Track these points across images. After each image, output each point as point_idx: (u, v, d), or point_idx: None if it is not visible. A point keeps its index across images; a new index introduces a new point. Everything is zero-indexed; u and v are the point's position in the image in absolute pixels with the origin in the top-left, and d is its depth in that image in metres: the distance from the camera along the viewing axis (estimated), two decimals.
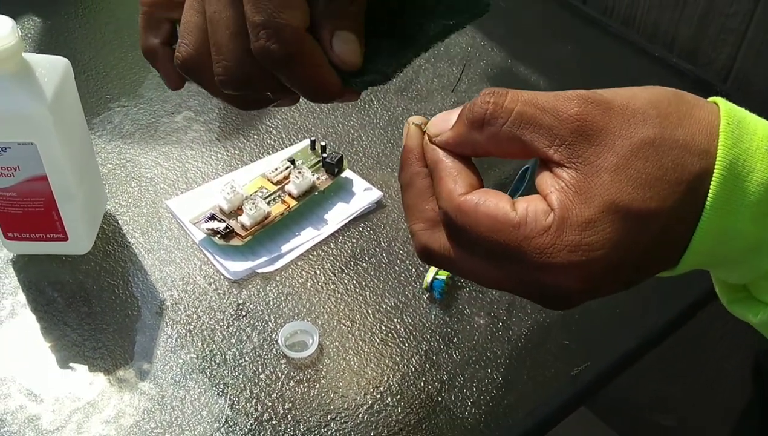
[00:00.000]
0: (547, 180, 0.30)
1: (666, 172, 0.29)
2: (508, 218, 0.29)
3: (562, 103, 0.30)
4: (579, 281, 0.29)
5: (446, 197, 0.31)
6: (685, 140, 0.29)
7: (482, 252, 0.30)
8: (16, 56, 0.47)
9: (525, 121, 0.30)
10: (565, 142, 0.29)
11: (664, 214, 0.29)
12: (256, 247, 0.58)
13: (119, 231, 0.60)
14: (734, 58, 0.77)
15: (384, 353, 0.52)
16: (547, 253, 0.29)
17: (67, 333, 0.53)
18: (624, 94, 0.31)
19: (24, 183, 0.51)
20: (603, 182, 0.29)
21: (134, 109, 0.71)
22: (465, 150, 0.32)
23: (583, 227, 0.29)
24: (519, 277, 0.30)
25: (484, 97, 0.31)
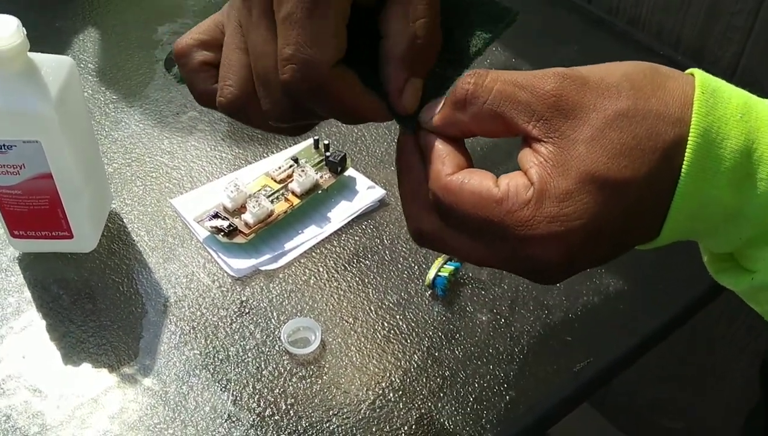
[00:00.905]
0: (528, 156, 0.31)
1: (640, 141, 0.29)
2: (491, 194, 0.30)
3: (540, 80, 0.30)
4: (559, 251, 0.30)
5: (434, 178, 0.32)
6: (658, 110, 0.30)
7: (469, 230, 0.31)
8: (21, 55, 0.48)
9: (504, 98, 0.31)
10: (542, 117, 0.30)
11: (640, 182, 0.30)
12: (259, 245, 0.59)
13: (124, 229, 0.60)
14: (740, 56, 0.77)
15: (386, 349, 0.53)
16: (528, 225, 0.30)
17: (71, 330, 0.53)
18: (600, 69, 0.31)
19: (29, 181, 0.52)
20: (579, 154, 0.30)
21: (140, 109, 0.71)
22: (452, 131, 0.33)
23: (561, 199, 0.29)
24: (505, 252, 0.31)
25: (466, 78, 0.31)
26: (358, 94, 0.33)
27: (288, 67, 0.32)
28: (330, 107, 0.33)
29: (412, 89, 0.33)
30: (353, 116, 0.34)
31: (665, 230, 0.31)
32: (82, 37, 0.79)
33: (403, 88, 0.33)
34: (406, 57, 0.33)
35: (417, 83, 0.34)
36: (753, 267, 0.33)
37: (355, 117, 0.34)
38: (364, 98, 0.34)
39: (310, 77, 0.32)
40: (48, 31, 0.79)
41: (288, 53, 0.32)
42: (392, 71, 0.33)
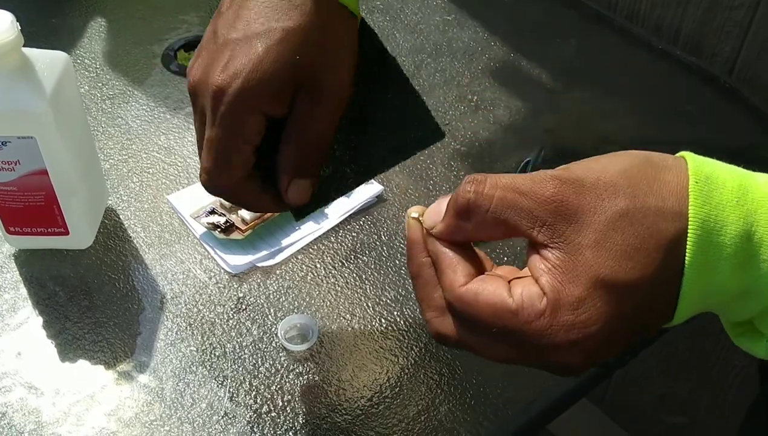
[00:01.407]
0: (536, 263, 0.32)
1: (643, 241, 0.30)
2: (506, 305, 0.31)
3: (539, 185, 0.32)
4: (580, 355, 0.31)
5: (448, 289, 0.33)
6: (657, 206, 0.31)
7: (489, 335, 0.33)
8: (16, 51, 0.48)
9: (506, 206, 0.32)
10: (545, 223, 0.31)
11: (648, 280, 0.31)
12: (256, 241, 0.59)
13: (120, 226, 0.60)
14: (739, 51, 0.76)
15: (384, 345, 0.52)
16: (547, 334, 0.31)
17: (68, 327, 0.53)
18: (595, 168, 0.32)
19: (25, 177, 0.51)
20: (586, 260, 0.30)
21: (136, 105, 0.71)
22: (459, 238, 0.34)
23: (575, 306, 0.30)
24: (527, 355, 0.32)
25: (466, 186, 0.33)
26: (254, 198, 0.42)
27: (202, 176, 0.41)
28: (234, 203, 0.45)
29: (295, 188, 0.41)
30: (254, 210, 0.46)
31: (677, 315, 0.32)
32: (78, 33, 0.79)
33: (287, 188, 0.41)
34: (286, 166, 0.41)
35: (300, 183, 0.41)
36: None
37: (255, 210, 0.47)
38: (260, 200, 0.43)
39: (216, 187, 0.41)
40: (44, 27, 0.79)
41: (204, 165, 0.40)
42: (279, 175, 0.41)
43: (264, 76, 0.38)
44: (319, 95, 0.39)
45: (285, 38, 0.38)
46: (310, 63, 0.39)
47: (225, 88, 0.38)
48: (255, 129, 0.39)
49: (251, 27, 0.38)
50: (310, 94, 0.39)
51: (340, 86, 0.40)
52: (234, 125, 0.38)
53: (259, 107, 0.38)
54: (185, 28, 0.80)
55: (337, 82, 0.40)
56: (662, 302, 0.32)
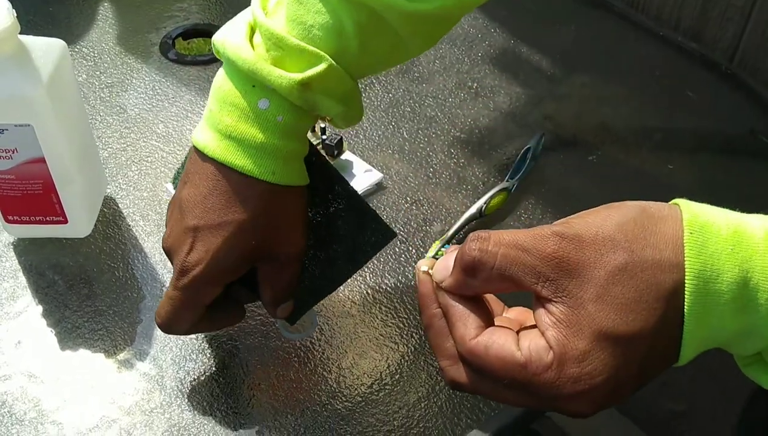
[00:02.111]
0: (542, 317, 0.33)
1: (642, 293, 0.32)
2: (515, 359, 0.33)
3: (540, 242, 0.33)
4: (588, 404, 0.33)
5: (459, 342, 0.35)
6: (654, 258, 0.32)
7: (501, 384, 0.34)
8: (12, 38, 0.47)
9: (509, 262, 0.33)
10: (548, 278, 0.33)
11: (650, 332, 0.32)
12: None
13: (119, 214, 0.60)
14: (740, 37, 0.76)
15: (384, 332, 0.52)
16: (555, 386, 0.32)
17: (67, 315, 0.53)
18: (593, 223, 0.33)
19: (22, 165, 0.51)
20: (589, 313, 0.32)
21: (134, 93, 0.70)
22: (467, 292, 0.36)
23: (581, 359, 0.32)
24: (538, 402, 0.34)
25: (470, 244, 0.34)
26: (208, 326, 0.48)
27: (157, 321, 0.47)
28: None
29: (281, 310, 0.47)
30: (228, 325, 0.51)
31: (682, 358, 0.33)
32: (76, 22, 0.78)
33: (275, 312, 0.47)
34: (269, 302, 0.47)
35: (285, 305, 0.47)
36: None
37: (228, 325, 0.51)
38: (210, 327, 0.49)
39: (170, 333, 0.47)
40: (41, 15, 0.78)
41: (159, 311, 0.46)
42: (266, 307, 0.48)
43: (222, 262, 0.44)
44: (278, 263, 0.46)
45: (239, 230, 0.43)
46: (266, 243, 0.44)
47: (188, 270, 0.44)
48: (213, 295, 0.45)
49: (210, 217, 0.43)
50: (270, 263, 0.46)
51: (296, 248, 0.46)
52: (194, 295, 0.45)
53: (218, 283, 0.45)
54: (183, 16, 0.79)
55: (293, 247, 0.46)
56: (665, 350, 0.33)
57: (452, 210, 0.61)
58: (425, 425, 0.47)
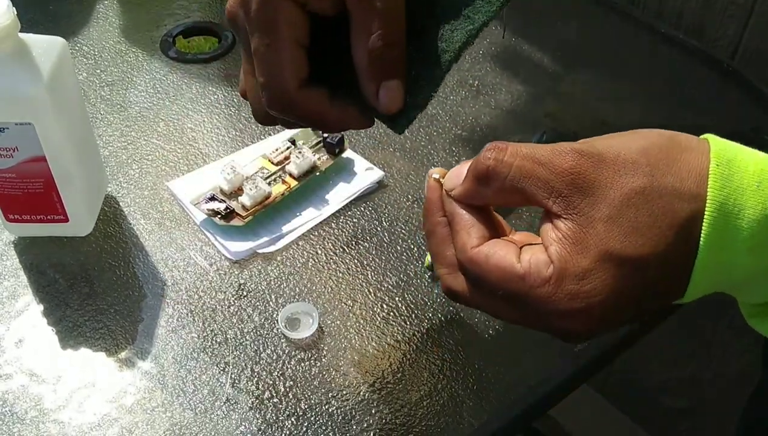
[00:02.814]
0: (548, 232, 0.32)
1: (656, 219, 0.30)
2: (514, 270, 0.32)
3: (558, 157, 0.32)
4: (581, 324, 0.32)
5: (460, 249, 0.34)
6: (674, 186, 0.31)
7: (497, 296, 0.33)
8: (12, 36, 0.47)
9: (524, 174, 0.32)
10: (561, 194, 0.31)
11: (657, 258, 0.31)
12: (256, 227, 0.58)
13: (120, 213, 0.60)
14: (742, 34, 0.76)
15: (385, 331, 0.52)
16: (550, 301, 0.31)
17: (68, 314, 0.53)
18: (616, 145, 0.32)
19: (23, 164, 0.51)
20: (597, 233, 0.31)
21: (135, 91, 0.70)
22: (476, 202, 0.35)
23: (581, 277, 0.31)
24: (532, 318, 0.33)
25: (486, 153, 0.33)
26: (325, 108, 0.38)
27: (263, 93, 0.38)
28: (303, 122, 0.39)
29: (386, 91, 0.36)
30: (328, 127, 0.39)
31: (688, 294, 0.32)
32: (76, 20, 0.78)
33: (377, 93, 0.36)
34: (370, 67, 0.36)
35: (392, 85, 0.36)
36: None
37: (329, 128, 0.39)
38: (333, 111, 0.38)
39: (279, 101, 0.37)
40: (42, 13, 0.78)
41: (261, 82, 0.37)
42: (363, 82, 0.37)
43: None
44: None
45: None
46: None
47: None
48: (292, 23, 0.35)
49: None
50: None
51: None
52: (268, 21, 0.35)
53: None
54: (183, 14, 0.79)
55: None
56: (671, 282, 0.31)
57: None
58: (427, 423, 0.47)
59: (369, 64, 0.36)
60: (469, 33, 0.37)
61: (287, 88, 0.36)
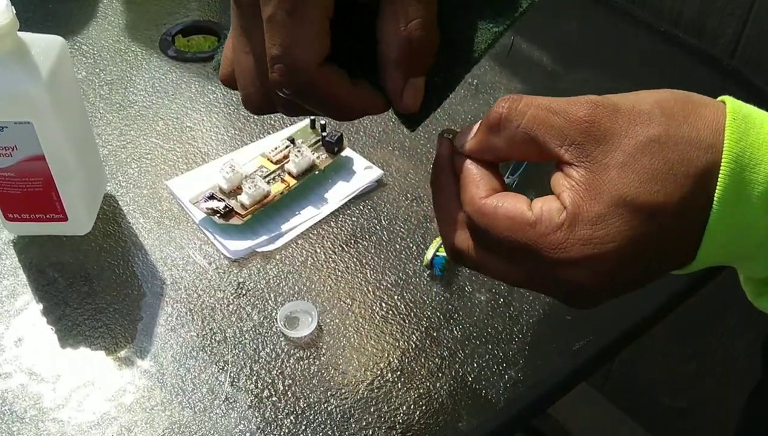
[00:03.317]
0: (560, 180, 0.31)
1: (672, 166, 0.30)
2: (525, 217, 0.31)
3: (573, 106, 0.31)
4: (593, 274, 0.30)
5: (469, 201, 0.33)
6: (690, 136, 0.30)
7: (503, 251, 0.32)
8: (11, 35, 0.47)
9: (537, 123, 0.31)
10: (574, 142, 0.31)
11: (673, 207, 0.30)
12: (255, 226, 0.58)
13: (119, 212, 0.60)
14: (741, 33, 0.76)
15: (384, 329, 0.52)
16: (562, 248, 0.30)
17: (67, 313, 0.53)
18: (631, 97, 0.32)
19: (22, 163, 0.51)
20: (611, 178, 0.30)
21: (134, 90, 0.70)
22: (487, 155, 0.33)
23: (594, 222, 0.30)
24: (539, 274, 0.32)
25: (501, 102, 0.32)
26: (346, 91, 0.33)
27: (275, 67, 0.32)
28: (319, 104, 0.34)
29: (413, 90, 0.33)
30: (344, 113, 0.34)
31: (700, 256, 0.31)
32: (76, 19, 0.78)
33: (402, 89, 0.33)
34: (402, 60, 0.33)
35: (417, 83, 0.34)
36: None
37: (345, 113, 0.34)
38: (353, 94, 0.33)
39: (296, 76, 0.32)
40: (41, 12, 0.78)
41: (273, 54, 0.32)
42: (390, 75, 0.33)
43: None
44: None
45: None
46: None
47: None
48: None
49: None
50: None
51: None
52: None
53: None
54: (183, 13, 0.79)
55: None
56: (685, 237, 0.31)
57: None
58: (426, 422, 0.47)
59: (402, 55, 0.32)
60: (492, 35, 0.35)
61: (308, 63, 0.32)
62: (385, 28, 0.32)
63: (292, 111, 0.35)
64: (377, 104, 0.34)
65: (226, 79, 0.37)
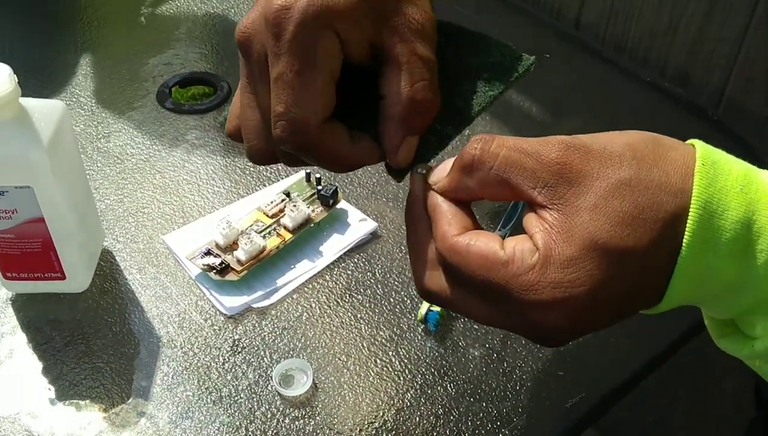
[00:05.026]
0: (533, 221, 0.32)
1: (642, 211, 0.30)
2: (497, 257, 0.31)
3: (545, 148, 0.31)
4: (563, 316, 0.31)
5: (441, 238, 0.33)
6: (660, 180, 0.31)
7: (475, 290, 0.32)
8: (13, 103, 0.48)
9: (510, 164, 0.32)
10: (547, 184, 0.31)
11: (642, 251, 0.30)
12: (251, 281, 0.59)
13: (116, 268, 0.60)
14: (726, 83, 0.77)
15: (379, 387, 0.53)
16: (533, 289, 0.30)
17: (65, 372, 0.53)
18: (602, 139, 0.32)
19: (22, 225, 0.52)
20: (582, 221, 0.30)
21: (131, 143, 0.71)
22: (460, 195, 0.34)
23: (566, 265, 0.30)
24: (509, 314, 0.32)
25: (473, 144, 0.33)
26: (345, 147, 0.36)
27: (279, 123, 0.34)
28: (319, 159, 0.36)
29: (408, 147, 0.36)
30: (342, 166, 0.37)
31: (667, 298, 0.32)
32: (73, 70, 0.79)
33: (399, 146, 0.35)
34: (405, 118, 0.35)
35: (413, 141, 0.36)
36: (753, 334, 0.33)
37: (344, 167, 0.37)
38: (352, 150, 0.36)
39: (299, 133, 0.34)
40: (38, 63, 0.79)
41: (278, 111, 0.34)
42: (390, 131, 0.35)
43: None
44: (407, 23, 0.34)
45: None
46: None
47: (289, 7, 0.33)
48: (331, 53, 0.34)
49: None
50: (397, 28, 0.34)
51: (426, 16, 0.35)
52: (306, 46, 0.33)
53: (331, 24, 0.33)
54: (179, 64, 0.80)
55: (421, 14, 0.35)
56: (653, 280, 0.31)
57: None
58: None
59: (406, 113, 0.34)
60: (488, 98, 0.37)
61: (310, 121, 0.34)
62: (391, 88, 0.35)
63: (293, 163, 0.37)
64: (373, 157, 0.36)
65: (232, 133, 0.39)
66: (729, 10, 0.73)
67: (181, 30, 0.85)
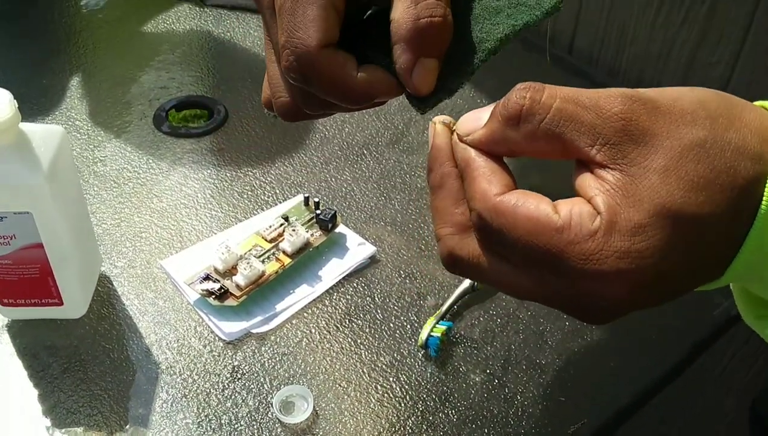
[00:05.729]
0: (590, 182, 0.28)
1: (718, 175, 0.27)
2: (551, 221, 0.28)
3: (605, 100, 0.28)
4: (626, 289, 0.27)
5: (480, 198, 0.29)
6: (737, 143, 0.28)
7: (517, 258, 0.29)
8: (13, 128, 0.48)
9: (565, 118, 0.28)
10: (608, 141, 0.28)
11: (718, 219, 0.27)
12: (250, 306, 0.59)
13: (114, 293, 0.60)
14: None
15: (380, 414, 0.52)
16: (594, 259, 0.27)
17: (62, 400, 0.52)
18: (669, 93, 0.29)
19: (20, 251, 0.51)
20: (652, 184, 0.27)
21: (128, 167, 0.71)
22: (499, 149, 0.30)
23: (633, 232, 0.27)
24: (556, 285, 0.28)
25: (520, 92, 0.29)
26: (352, 72, 0.32)
27: (284, 53, 0.32)
28: (326, 88, 0.33)
29: (423, 69, 0.32)
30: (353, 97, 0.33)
31: (730, 270, 0.29)
32: (70, 94, 0.79)
33: (412, 69, 0.32)
34: (412, 37, 0.31)
35: (429, 63, 0.32)
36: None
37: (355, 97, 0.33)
38: (360, 78, 0.32)
39: (301, 58, 0.32)
40: (35, 87, 0.79)
41: (282, 41, 0.32)
42: (399, 52, 0.32)
43: None
44: None
45: None
46: None
47: None
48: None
49: None
50: None
51: None
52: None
53: None
54: (176, 87, 0.80)
55: None
56: (723, 250, 0.28)
57: (445, 284, 0.62)
58: None
59: (411, 32, 0.31)
60: (513, 28, 0.34)
61: (308, 45, 0.31)
62: (397, 9, 0.32)
63: (309, 103, 0.34)
64: (388, 86, 0.33)
65: (265, 102, 0.37)
66: (720, 36, 0.74)
67: (177, 53, 0.85)
